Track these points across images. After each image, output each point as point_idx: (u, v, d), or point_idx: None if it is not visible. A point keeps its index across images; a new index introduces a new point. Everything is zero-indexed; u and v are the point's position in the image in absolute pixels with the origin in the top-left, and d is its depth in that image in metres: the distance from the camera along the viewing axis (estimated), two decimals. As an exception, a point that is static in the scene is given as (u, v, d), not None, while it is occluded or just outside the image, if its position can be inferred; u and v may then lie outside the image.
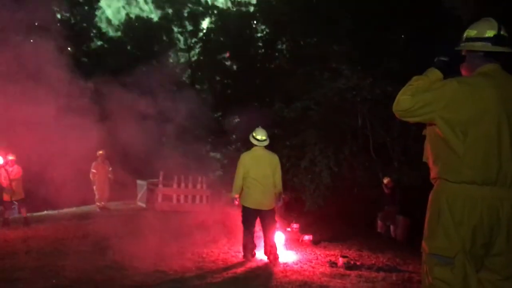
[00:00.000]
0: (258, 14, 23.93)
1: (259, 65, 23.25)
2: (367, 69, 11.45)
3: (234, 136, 17.83)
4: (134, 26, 27.50)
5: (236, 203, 6.48)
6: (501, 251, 2.30)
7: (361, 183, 12.28)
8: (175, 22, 28.19)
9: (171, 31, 28.09)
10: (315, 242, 7.89)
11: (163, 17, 28.96)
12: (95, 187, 12.29)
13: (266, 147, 6.49)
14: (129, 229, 8.20)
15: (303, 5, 14.29)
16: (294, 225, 8.71)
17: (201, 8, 28.55)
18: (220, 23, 26.53)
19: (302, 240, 7.94)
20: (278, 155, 6.66)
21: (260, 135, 6.40)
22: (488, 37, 2.45)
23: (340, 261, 6.25)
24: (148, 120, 10.01)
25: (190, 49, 28.30)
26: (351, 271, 5.85)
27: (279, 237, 6.80)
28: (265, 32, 23.87)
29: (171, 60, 26.83)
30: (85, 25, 24.62)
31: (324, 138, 12.01)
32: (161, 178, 12.49)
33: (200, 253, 6.62)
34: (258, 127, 6.53)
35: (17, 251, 6.59)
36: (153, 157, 11.45)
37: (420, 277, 2.62)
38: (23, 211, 9.70)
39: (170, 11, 28.68)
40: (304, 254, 6.97)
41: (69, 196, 9.85)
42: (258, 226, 6.50)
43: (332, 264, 6.25)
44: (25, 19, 7.65)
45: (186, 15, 28.26)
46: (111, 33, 29.65)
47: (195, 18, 28.12)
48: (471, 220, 2.28)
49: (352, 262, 6.31)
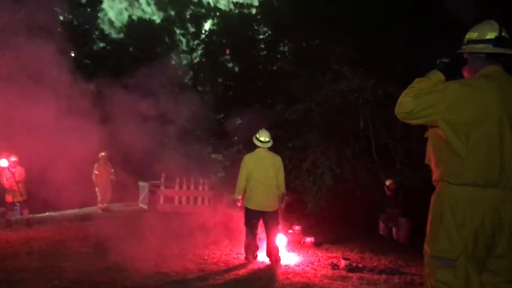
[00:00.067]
0: (260, 16, 23.93)
1: (261, 66, 23.23)
2: (369, 70, 11.44)
3: (236, 138, 17.82)
4: (136, 28, 27.54)
5: (239, 204, 6.48)
6: (503, 253, 2.29)
7: (363, 185, 12.26)
8: (177, 24, 28.24)
9: (173, 33, 28.14)
10: (317, 244, 7.88)
11: (166, 19, 29.03)
12: (97, 188, 12.30)
13: (269, 148, 6.48)
14: (131, 230, 8.20)
15: (305, 7, 14.29)
16: (296, 227, 8.72)
17: (203, 10, 28.62)
18: (222, 25, 26.57)
19: (304, 242, 7.93)
20: (280, 156, 6.63)
21: (264, 136, 6.38)
22: (489, 39, 2.46)
23: (342, 263, 6.24)
24: (150, 122, 10.01)
25: (192, 51, 28.34)
26: (353, 273, 5.84)
27: (281, 239, 6.80)
28: (267, 34, 23.86)
29: (173, 62, 26.85)
30: (87, 27, 24.68)
31: (326, 140, 12.01)
32: (163, 179, 12.48)
33: (202, 255, 6.62)
34: (261, 128, 6.51)
35: (19, 253, 6.60)
36: (155, 158, 11.46)
37: (422, 279, 2.61)
38: (25, 212, 9.72)
39: (173, 13, 28.76)
40: (306, 256, 6.96)
41: (71, 197, 9.86)
42: (261, 228, 6.49)
43: (334, 266, 6.24)
44: (27, 20, 7.67)
45: (188, 17, 28.31)
46: (113, 35, 29.74)
47: (197, 20, 28.16)
48: (473, 222, 2.27)
49: (354, 264, 6.30)
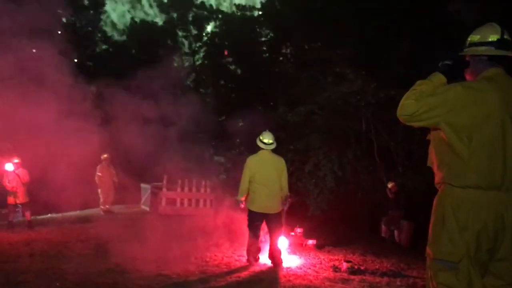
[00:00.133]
0: (262, 19, 23.98)
1: (263, 69, 23.26)
2: (371, 73, 11.43)
3: (238, 140, 17.82)
4: (139, 30, 27.61)
5: (242, 206, 6.46)
6: (505, 256, 2.28)
7: (365, 188, 12.24)
8: (180, 26, 28.31)
9: (176, 35, 28.21)
10: (318, 247, 7.87)
11: (168, 21, 29.10)
12: (100, 190, 12.29)
13: (272, 150, 6.48)
14: (133, 232, 8.20)
15: (307, 9, 14.32)
16: (297, 230, 8.69)
17: (205, 13, 28.69)
18: (224, 27, 26.61)
19: (305, 245, 7.92)
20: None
21: (267, 138, 6.36)
22: (491, 41, 2.46)
23: (344, 265, 6.23)
24: (152, 124, 10.02)
25: (194, 53, 28.41)
26: (355, 276, 5.83)
27: (282, 241, 6.79)
28: (269, 37, 23.90)
29: (175, 64, 26.90)
30: (90, 29, 24.76)
31: (328, 142, 11.99)
32: (165, 181, 12.47)
33: (204, 257, 6.61)
34: (265, 130, 6.49)
35: (21, 254, 6.61)
36: (157, 160, 11.45)
37: (425, 282, 2.61)
38: (27, 214, 9.72)
39: (175, 15, 28.82)
40: (307, 258, 6.95)
41: (72, 199, 9.87)
42: (264, 230, 6.48)
43: (336, 268, 6.23)
44: (30, 23, 7.68)
45: (190, 19, 28.37)
46: (116, 37, 29.83)
47: (200, 22, 28.23)
48: (475, 225, 2.27)
49: (356, 267, 6.29)
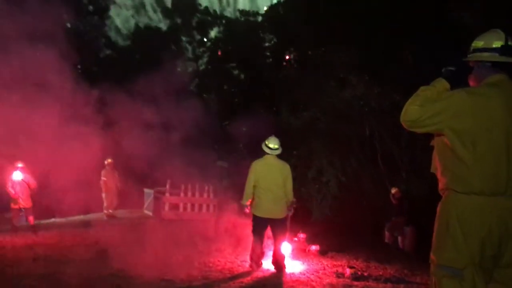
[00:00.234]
0: (266, 24, 24.04)
1: (266, 74, 23.30)
2: (374, 78, 11.42)
3: (241, 145, 17.85)
4: (143, 35, 27.72)
5: (247, 211, 6.43)
6: (510, 263, 2.27)
7: (368, 193, 12.21)
8: (184, 32, 28.42)
9: (180, 41, 28.31)
10: (322, 252, 7.85)
11: (172, 27, 29.21)
12: (104, 195, 12.31)
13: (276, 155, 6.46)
14: (136, 237, 8.20)
15: (310, 14, 14.35)
16: (301, 235, 8.68)
17: (209, 18, 28.79)
18: (228, 32, 26.70)
19: (309, 250, 7.90)
20: (286, 164, 6.62)
21: (273, 143, 6.34)
22: (495, 47, 2.46)
23: (347, 271, 6.21)
24: (155, 129, 10.06)
25: (198, 58, 28.49)
26: (358, 282, 5.81)
27: (285, 247, 6.78)
28: (272, 42, 23.95)
29: (179, 69, 26.99)
30: (94, 34, 24.89)
31: (331, 148, 11.98)
32: (168, 186, 12.49)
33: (207, 262, 6.60)
34: (271, 135, 6.48)
35: (24, 258, 6.63)
36: (160, 165, 11.47)
37: (428, 288, 2.60)
38: (30, 218, 9.72)
39: (179, 20, 28.94)
40: (311, 264, 6.93)
41: (76, 204, 9.91)
42: (267, 235, 6.46)
43: (339, 274, 6.21)
44: (34, 28, 7.73)
45: (194, 24, 28.48)
46: (120, 42, 29.95)
47: (204, 27, 28.33)
48: (480, 232, 2.26)
49: (360, 273, 6.27)
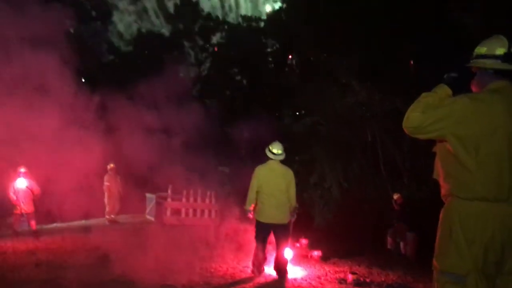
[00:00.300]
0: (268, 30, 24.11)
1: (268, 79, 23.34)
2: (376, 84, 11.42)
3: (243, 150, 17.86)
4: (145, 41, 27.81)
5: (251, 216, 6.40)
6: (512, 269, 2.27)
7: (370, 199, 12.17)
8: (186, 37, 28.50)
9: (182, 46, 28.39)
10: (324, 258, 7.82)
11: (174, 32, 29.30)
12: (106, 200, 12.29)
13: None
14: (137, 242, 8.19)
15: (313, 20, 14.39)
16: (303, 241, 8.66)
17: (212, 23, 28.89)
18: (230, 38, 26.77)
19: (311, 256, 7.87)
20: (287, 170, 6.60)
21: (277, 149, 6.34)
22: (498, 55, 2.45)
23: (350, 277, 6.19)
24: (157, 134, 10.06)
25: (200, 63, 28.56)
26: (361, 288, 5.79)
27: (287, 252, 6.76)
28: (274, 47, 24.01)
29: (181, 74, 27.05)
30: (97, 40, 24.99)
31: (333, 153, 11.97)
32: (169, 192, 12.47)
33: (208, 268, 6.59)
34: (275, 141, 6.47)
35: (26, 264, 6.62)
36: (162, 170, 11.47)
37: (431, 295, 2.59)
38: (32, 223, 9.72)
39: (181, 26, 29.04)
40: (313, 270, 6.91)
41: (77, 209, 9.89)
42: (270, 241, 6.44)
43: (341, 280, 6.19)
44: (36, 33, 7.75)
45: (197, 30, 28.57)
46: (122, 47, 30.05)
47: (206, 33, 28.41)
48: (483, 238, 2.25)
49: (362, 279, 6.25)
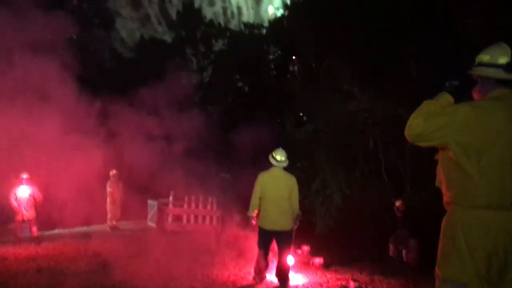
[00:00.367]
0: (270, 36, 24.21)
1: (270, 86, 23.40)
2: (378, 91, 11.42)
3: (244, 157, 17.87)
4: (147, 47, 27.91)
5: (254, 222, 6.38)
6: (516, 278, 2.26)
7: (372, 206, 12.14)
8: (188, 44, 28.62)
9: (184, 52, 28.49)
10: (325, 265, 7.80)
11: (177, 39, 29.43)
12: (108, 206, 12.28)
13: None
14: (139, 249, 8.19)
15: (315, 27, 14.44)
16: (304, 248, 8.63)
17: (214, 30, 29.02)
18: (232, 45, 26.88)
19: (312, 263, 7.85)
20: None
21: (280, 155, 6.32)
22: (501, 64, 2.45)
23: (351, 285, 6.17)
24: (159, 140, 10.09)
25: (202, 70, 28.65)
26: (363, 295, 5.77)
27: (289, 259, 6.74)
28: (276, 54, 24.10)
29: (183, 81, 27.11)
30: (100, 46, 25.08)
31: (335, 160, 11.95)
32: (171, 198, 12.46)
33: (210, 274, 6.58)
34: (278, 147, 6.47)
35: (28, 270, 6.63)
36: (164, 177, 11.48)
37: (434, 303, 2.58)
38: (33, 230, 9.72)
39: (184, 33, 29.17)
40: (314, 277, 6.89)
41: (79, 215, 9.90)
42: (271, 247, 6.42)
43: (343, 288, 6.17)
44: (39, 40, 7.79)
45: (199, 36, 28.70)
46: (125, 53, 30.17)
47: (208, 40, 28.54)
48: (486, 246, 2.25)
49: (364, 286, 6.23)
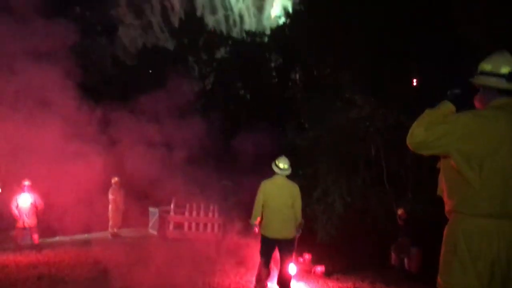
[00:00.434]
0: (272, 44, 24.31)
1: (272, 93, 23.45)
2: (380, 98, 11.43)
3: (246, 164, 17.87)
4: (149, 55, 28.02)
5: (256, 230, 6.33)
6: (518, 286, 2.24)
7: (374, 214, 12.10)
8: (191, 51, 28.73)
9: (186, 60, 28.60)
10: (327, 274, 7.77)
11: (179, 46, 29.55)
12: (110, 213, 12.27)
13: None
14: (140, 256, 8.17)
15: (316, 35, 14.48)
16: (306, 256, 8.59)
17: (216, 38, 29.15)
18: (234, 53, 26.97)
19: (314, 271, 7.81)
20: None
21: (283, 163, 6.31)
22: (503, 73, 2.44)
23: (353, 293, 6.14)
24: (160, 147, 10.10)
25: (204, 77, 28.74)
26: (365, 304, 5.74)
27: (291, 268, 6.71)
28: (278, 62, 24.18)
29: (185, 88, 27.18)
30: (102, 54, 25.19)
31: (337, 168, 11.93)
32: (172, 205, 12.44)
33: (211, 282, 6.56)
34: (281, 155, 6.46)
35: (28, 277, 6.63)
36: (165, 184, 11.48)
37: (436, 312, 2.56)
38: (34, 237, 9.71)
39: (186, 40, 29.31)
40: (316, 286, 6.87)
41: (80, 222, 9.90)
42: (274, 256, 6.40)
43: (345, 296, 6.14)
44: (41, 47, 7.83)
45: (201, 44, 28.83)
46: (127, 61, 30.29)
47: (210, 47, 28.65)
48: (488, 255, 2.24)
49: (366, 295, 6.20)
